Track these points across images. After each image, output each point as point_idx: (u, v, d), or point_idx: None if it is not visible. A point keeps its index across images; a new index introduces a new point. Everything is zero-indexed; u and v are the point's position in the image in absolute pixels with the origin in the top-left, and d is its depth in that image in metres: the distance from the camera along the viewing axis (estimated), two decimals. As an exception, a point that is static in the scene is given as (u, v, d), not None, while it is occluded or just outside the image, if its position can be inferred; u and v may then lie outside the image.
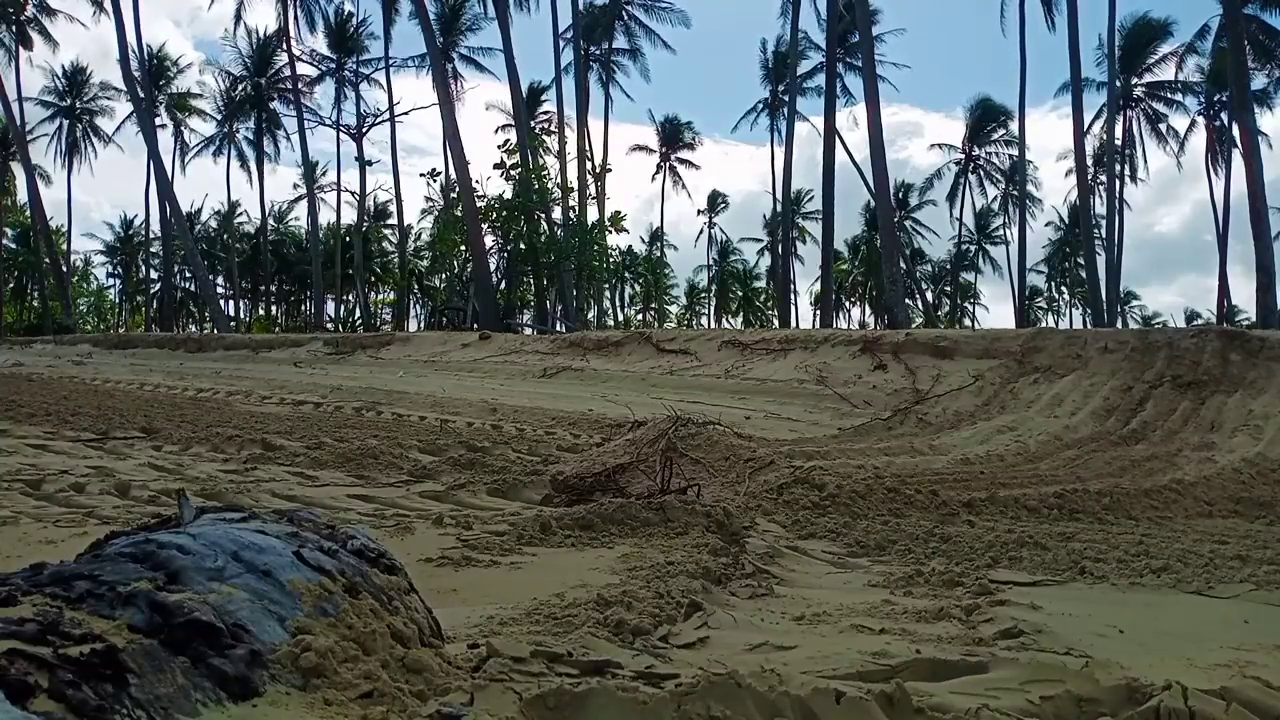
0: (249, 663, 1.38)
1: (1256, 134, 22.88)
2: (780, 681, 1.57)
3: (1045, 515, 4.06)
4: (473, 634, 1.99)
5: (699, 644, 2.06)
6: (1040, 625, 2.25)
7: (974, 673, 1.82)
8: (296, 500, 4.06)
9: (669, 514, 3.48)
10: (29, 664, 1.15)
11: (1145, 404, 7.62)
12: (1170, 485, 4.87)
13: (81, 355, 19.95)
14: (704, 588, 2.54)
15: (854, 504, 4.06)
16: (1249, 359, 8.01)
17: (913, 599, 2.58)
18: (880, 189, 25.13)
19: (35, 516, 3.56)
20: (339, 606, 1.57)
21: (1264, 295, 19.67)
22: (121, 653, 1.25)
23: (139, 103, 33.14)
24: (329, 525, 1.84)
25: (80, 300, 57.50)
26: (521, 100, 30.00)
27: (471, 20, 42.24)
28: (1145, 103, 43.76)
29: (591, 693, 1.44)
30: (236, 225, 56.22)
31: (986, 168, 50.40)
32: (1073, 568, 2.97)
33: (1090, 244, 31.43)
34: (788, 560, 3.08)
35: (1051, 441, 6.73)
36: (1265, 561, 3.10)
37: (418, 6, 27.94)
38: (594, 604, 2.26)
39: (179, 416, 7.58)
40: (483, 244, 26.81)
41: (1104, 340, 9.03)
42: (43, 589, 1.36)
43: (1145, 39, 41.42)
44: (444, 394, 10.00)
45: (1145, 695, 1.63)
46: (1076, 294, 58.15)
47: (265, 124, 47.35)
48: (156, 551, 1.52)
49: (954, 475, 5.40)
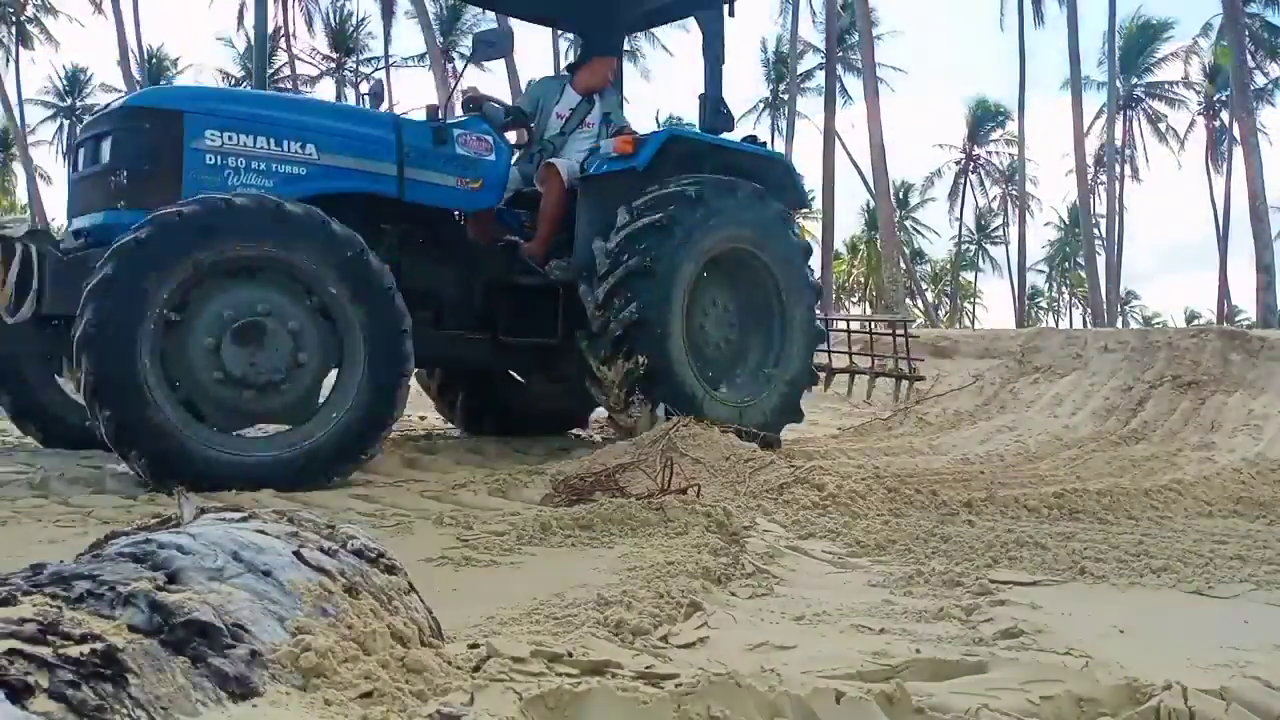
0: (249, 663, 1.38)
1: (1257, 133, 22.87)
2: (780, 681, 1.57)
3: (1045, 515, 4.07)
4: (473, 634, 2.00)
5: (699, 644, 2.07)
6: (1040, 625, 2.25)
7: (974, 672, 1.82)
8: (296, 500, 4.06)
9: (669, 514, 3.48)
10: (29, 664, 1.15)
11: (1145, 404, 7.62)
12: (1170, 485, 4.87)
13: (82, 355, 19.94)
14: (704, 587, 2.54)
15: (854, 504, 4.06)
16: (1249, 359, 8.01)
17: (913, 599, 2.59)
18: (880, 189, 25.15)
19: (35, 516, 3.57)
20: (339, 606, 1.58)
21: (1264, 295, 19.67)
22: (121, 653, 1.25)
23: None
24: (329, 525, 1.84)
25: (80, 300, 57.49)
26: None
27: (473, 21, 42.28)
28: (1145, 102, 43.78)
29: (591, 692, 1.44)
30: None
31: (986, 167, 50.42)
32: (1073, 567, 2.98)
33: (1090, 244, 31.46)
34: (788, 560, 3.08)
35: (1051, 441, 6.74)
36: (1265, 561, 3.11)
37: (417, 6, 27.97)
38: (594, 604, 2.26)
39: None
40: (483, 244, 26.85)
41: (1104, 340, 9.04)
42: (42, 589, 1.36)
43: (1145, 38, 41.45)
44: (444, 394, 9.99)
45: (1145, 695, 1.63)
46: (1076, 294, 58.15)
47: (265, 123, 47.36)
48: (156, 551, 1.52)
49: (954, 475, 5.40)
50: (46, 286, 4.16)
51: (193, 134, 4.40)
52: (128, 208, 4.29)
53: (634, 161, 5.36)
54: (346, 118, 5.03)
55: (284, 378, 4.13)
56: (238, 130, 4.48)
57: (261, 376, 4.07)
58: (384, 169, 4.85)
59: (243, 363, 4.03)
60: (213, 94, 4.98)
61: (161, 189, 4.25)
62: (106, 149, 4.45)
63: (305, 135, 4.65)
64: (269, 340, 4.07)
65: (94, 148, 4.55)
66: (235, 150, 4.46)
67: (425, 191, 4.97)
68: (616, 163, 5.44)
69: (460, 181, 5.06)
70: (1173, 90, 42.31)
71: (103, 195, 4.43)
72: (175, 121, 4.39)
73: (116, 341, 3.73)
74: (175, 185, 4.30)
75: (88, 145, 4.62)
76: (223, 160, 4.44)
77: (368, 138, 4.86)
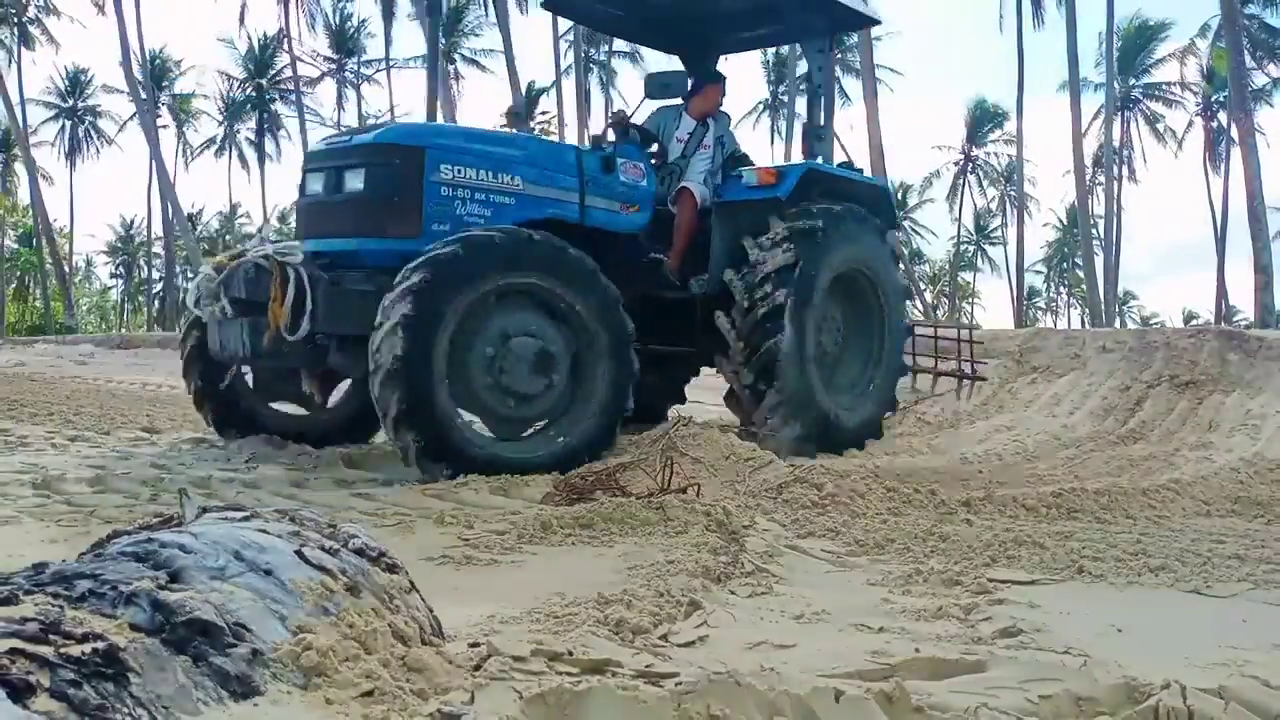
0: (250, 661, 1.38)
1: (1255, 133, 22.88)
2: (780, 680, 1.58)
3: (1043, 514, 4.07)
4: (473, 633, 2.00)
5: (699, 642, 2.07)
6: (1039, 624, 2.26)
7: (973, 671, 1.83)
8: (297, 499, 4.07)
9: (669, 513, 3.48)
10: (31, 663, 1.16)
11: (1143, 404, 7.62)
12: (1168, 485, 4.88)
13: (84, 355, 19.93)
14: (704, 586, 2.54)
15: (853, 503, 4.06)
16: (1247, 359, 8.01)
17: (911, 598, 2.59)
18: (880, 189, 25.11)
19: (37, 516, 3.57)
20: (340, 605, 1.58)
21: (1262, 295, 19.68)
22: (123, 652, 1.25)
23: (141, 103, 33.14)
24: (330, 524, 1.85)
25: (82, 300, 57.53)
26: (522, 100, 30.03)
27: (475, 22, 42.33)
28: (1143, 103, 43.78)
29: (592, 691, 1.45)
30: (238, 226, 56.26)
31: (984, 168, 50.41)
32: (1071, 567, 2.98)
33: (1088, 244, 31.47)
34: (787, 559, 3.09)
35: (1049, 441, 6.74)
36: (1263, 560, 3.11)
37: (418, 8, 27.96)
38: (594, 602, 2.26)
39: (181, 416, 7.59)
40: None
41: (1102, 340, 9.04)
42: (44, 588, 1.37)
43: (1143, 39, 41.44)
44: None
45: (1144, 694, 1.64)
46: (1075, 294, 58.13)
47: (267, 124, 47.36)
48: (158, 550, 1.52)
49: (952, 474, 5.41)
50: (320, 307, 4.53)
51: (432, 168, 4.83)
52: (375, 235, 4.80)
53: (778, 191, 5.88)
54: (542, 149, 5.54)
55: (549, 385, 4.66)
56: (465, 164, 4.93)
57: (528, 386, 4.60)
58: (571, 196, 5.33)
59: (518, 375, 4.56)
60: (447, 131, 5.50)
61: (405, 218, 4.75)
62: (355, 179, 4.84)
63: (513, 167, 5.11)
64: (535, 355, 4.59)
65: (336, 176, 4.93)
66: (462, 182, 4.91)
67: (600, 216, 5.47)
68: (758, 191, 5.93)
69: (623, 206, 5.60)
70: (1170, 91, 42.34)
71: (352, 222, 4.85)
72: (418, 157, 4.81)
73: (423, 339, 4.21)
74: (416, 215, 4.77)
75: (328, 172, 4.98)
76: (453, 192, 4.88)
77: (558, 167, 5.34)
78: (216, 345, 5.02)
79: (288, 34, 42.09)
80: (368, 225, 4.80)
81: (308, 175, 5.14)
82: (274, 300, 4.57)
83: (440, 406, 4.28)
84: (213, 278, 4.89)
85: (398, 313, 4.18)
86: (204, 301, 4.89)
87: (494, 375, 4.50)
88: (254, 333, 4.68)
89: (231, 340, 4.84)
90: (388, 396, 4.20)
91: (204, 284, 4.90)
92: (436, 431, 4.27)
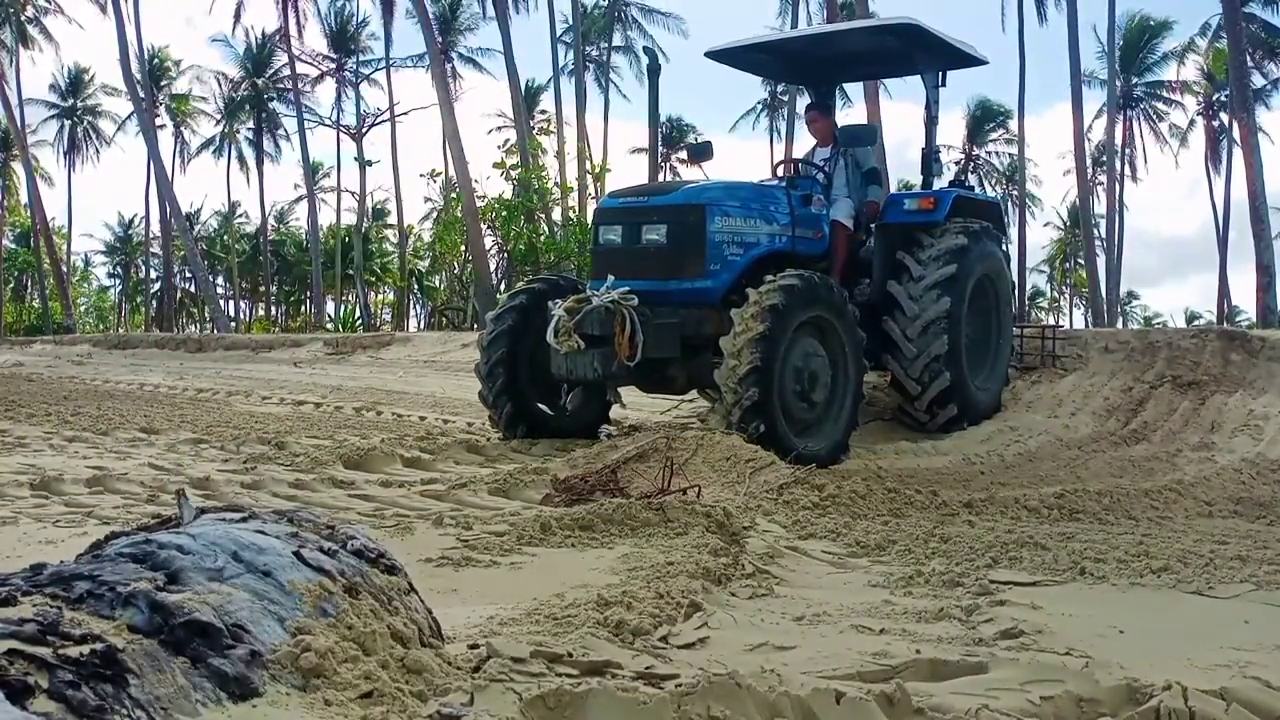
0: (249, 663, 1.38)
1: (1256, 133, 22.86)
2: (780, 681, 1.57)
3: (1045, 515, 4.06)
4: (473, 634, 2.00)
5: (699, 644, 2.07)
6: (1040, 625, 2.25)
7: (974, 673, 1.82)
8: (296, 500, 4.06)
9: (669, 514, 3.48)
10: (29, 664, 1.15)
11: (1145, 404, 7.61)
12: (1170, 485, 4.87)
13: (81, 355, 19.95)
14: (704, 588, 2.54)
15: (854, 504, 4.06)
16: (1249, 359, 8.00)
17: (913, 599, 2.58)
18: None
19: (35, 516, 3.57)
20: (339, 607, 1.58)
21: (1264, 295, 19.66)
22: (121, 653, 1.25)
23: (139, 103, 33.14)
24: (329, 525, 1.84)
25: (80, 300, 57.53)
26: (521, 100, 30.00)
27: (470, 20, 42.32)
28: (1145, 102, 43.75)
29: (591, 693, 1.44)
30: (236, 226, 56.23)
31: (986, 167, 50.35)
32: (1073, 568, 2.97)
33: (1090, 244, 31.44)
34: (788, 560, 3.08)
35: (1052, 442, 6.73)
36: (1265, 562, 3.10)
37: (417, 6, 27.92)
38: (594, 604, 2.26)
39: (179, 416, 7.59)
40: (483, 244, 26.80)
41: (1104, 341, 9.03)
42: (42, 589, 1.36)
43: (1145, 38, 41.39)
44: (444, 394, 10.00)
45: (1145, 695, 1.63)
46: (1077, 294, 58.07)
47: (265, 124, 47.36)
48: (156, 552, 1.52)
49: (954, 475, 5.41)
50: (651, 339, 5.65)
51: (711, 221, 5.92)
52: (674, 278, 5.91)
53: (935, 215, 6.90)
54: (769, 195, 6.52)
55: (830, 392, 5.82)
56: (730, 215, 6.06)
57: (817, 394, 5.73)
58: (786, 231, 6.42)
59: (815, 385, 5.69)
60: (717, 188, 6.32)
61: (695, 263, 5.88)
62: (654, 232, 5.98)
63: (754, 212, 6.22)
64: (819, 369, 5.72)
65: (635, 228, 6.06)
66: (727, 229, 6.01)
67: (803, 245, 6.51)
68: (919, 215, 6.96)
69: (814, 234, 6.65)
70: (1172, 90, 42.29)
71: (658, 267, 5.93)
72: (702, 213, 5.91)
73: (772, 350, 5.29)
74: (701, 259, 5.88)
75: (627, 224, 6.11)
76: (723, 238, 5.97)
77: (779, 207, 6.44)
78: (562, 370, 5.96)
79: (286, 33, 42.05)
80: (667, 269, 5.91)
81: (601, 227, 6.33)
82: (619, 334, 5.63)
83: (775, 403, 5.32)
84: (566, 319, 5.78)
85: (758, 328, 5.23)
86: (560, 336, 5.78)
87: (801, 384, 5.58)
88: (604, 360, 5.72)
89: (582, 366, 5.84)
90: (744, 391, 5.20)
91: (561, 323, 5.78)
92: (773, 422, 5.29)
